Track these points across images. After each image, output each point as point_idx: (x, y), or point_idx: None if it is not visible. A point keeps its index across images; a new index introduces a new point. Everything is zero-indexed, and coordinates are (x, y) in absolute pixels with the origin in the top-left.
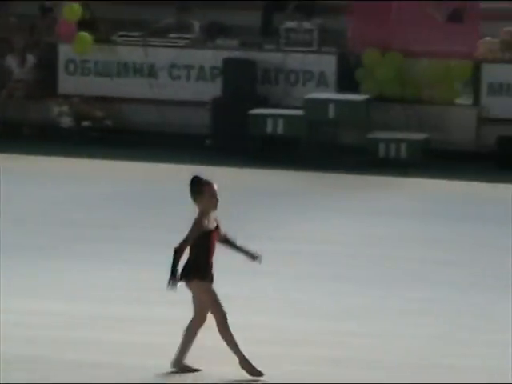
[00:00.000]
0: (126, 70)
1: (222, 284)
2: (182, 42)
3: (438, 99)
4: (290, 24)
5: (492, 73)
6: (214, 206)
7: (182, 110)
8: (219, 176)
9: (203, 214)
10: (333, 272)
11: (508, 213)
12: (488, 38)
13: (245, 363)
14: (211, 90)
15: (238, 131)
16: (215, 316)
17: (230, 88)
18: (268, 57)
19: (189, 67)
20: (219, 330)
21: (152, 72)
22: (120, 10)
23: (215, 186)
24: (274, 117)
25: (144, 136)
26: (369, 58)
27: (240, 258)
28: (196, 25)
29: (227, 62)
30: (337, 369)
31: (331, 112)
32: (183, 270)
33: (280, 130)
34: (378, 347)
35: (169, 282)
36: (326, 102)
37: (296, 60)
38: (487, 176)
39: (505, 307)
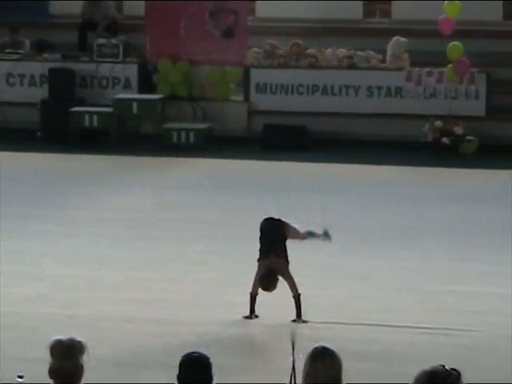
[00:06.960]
0: None
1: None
2: (15, 56)
3: (218, 97)
4: (101, 40)
5: (258, 75)
6: None
7: (17, 109)
8: (47, 161)
9: None
10: (135, 232)
11: (270, 183)
12: (254, 49)
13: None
14: (40, 93)
15: (61, 125)
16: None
17: (54, 92)
18: (84, 66)
19: (22, 76)
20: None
21: None
22: None
23: None
24: (90, 113)
25: None
26: (163, 66)
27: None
28: (27, 42)
29: (52, 71)
30: (137, 307)
31: (135, 109)
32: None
33: (95, 123)
34: (170, 290)
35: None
36: (131, 100)
37: (106, 68)
38: (255, 155)
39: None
